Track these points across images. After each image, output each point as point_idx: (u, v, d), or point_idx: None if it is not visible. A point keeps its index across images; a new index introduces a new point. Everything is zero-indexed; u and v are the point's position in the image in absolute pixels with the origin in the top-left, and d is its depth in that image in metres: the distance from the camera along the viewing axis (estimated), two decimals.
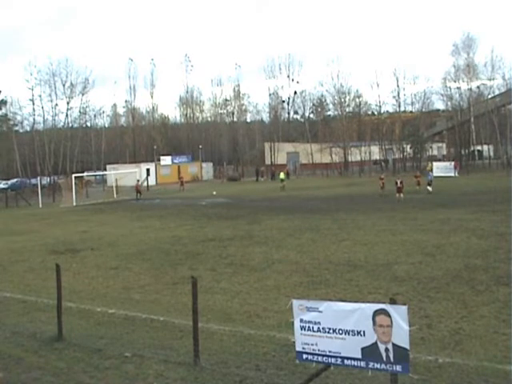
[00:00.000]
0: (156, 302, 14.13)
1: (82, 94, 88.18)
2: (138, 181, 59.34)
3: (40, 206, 53.56)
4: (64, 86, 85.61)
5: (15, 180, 73.39)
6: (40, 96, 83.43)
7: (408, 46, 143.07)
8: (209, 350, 9.34)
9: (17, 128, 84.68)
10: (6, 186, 71.67)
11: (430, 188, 43.35)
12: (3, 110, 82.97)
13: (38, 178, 63.15)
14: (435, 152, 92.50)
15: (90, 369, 9.22)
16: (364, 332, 6.81)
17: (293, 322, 7.52)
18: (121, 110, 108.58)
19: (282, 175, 60.58)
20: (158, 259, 20.25)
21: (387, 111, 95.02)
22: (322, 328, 7.18)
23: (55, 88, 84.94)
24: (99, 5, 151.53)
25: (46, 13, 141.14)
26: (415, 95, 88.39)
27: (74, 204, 51.62)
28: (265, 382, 8.21)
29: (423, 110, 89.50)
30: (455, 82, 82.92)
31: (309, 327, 7.30)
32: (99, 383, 8.61)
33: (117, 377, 8.81)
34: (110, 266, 19.46)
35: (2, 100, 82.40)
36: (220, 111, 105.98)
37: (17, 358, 10.02)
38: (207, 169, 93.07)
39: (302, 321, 7.36)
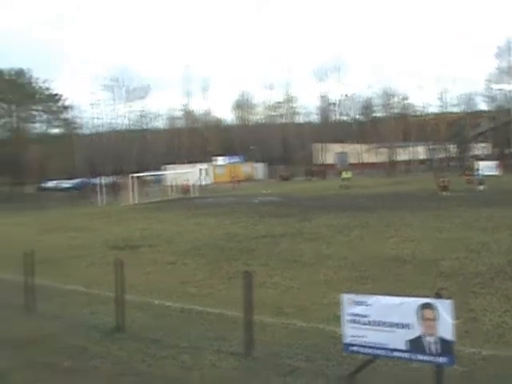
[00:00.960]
0: (211, 295, 14.51)
1: (141, 99, 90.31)
2: (188, 180, 60.63)
3: (101, 204, 55.05)
4: (124, 91, 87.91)
5: (78, 180, 75.35)
6: (102, 100, 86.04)
7: (452, 48, 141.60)
8: (261, 342, 9.59)
9: (79, 131, 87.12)
10: (69, 186, 73.95)
11: (481, 187, 43.01)
12: (66, 114, 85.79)
13: (99, 178, 64.72)
14: (479, 152, 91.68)
15: (148, 358, 9.62)
16: (410, 325, 7.05)
17: (341, 315, 7.80)
18: (177, 113, 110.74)
19: (344, 174, 62.29)
20: (213, 255, 20.70)
21: (432, 112, 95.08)
22: (370, 321, 7.46)
23: (116, 93, 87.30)
24: (158, 15, 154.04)
25: (107, 23, 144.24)
26: (459, 97, 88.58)
27: (134, 202, 52.80)
28: (315, 372, 8.46)
29: (467, 110, 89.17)
30: (498, 83, 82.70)
31: (357, 320, 7.59)
32: (157, 372, 8.98)
33: (173, 366, 9.19)
34: (167, 262, 20.03)
35: (67, 105, 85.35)
36: (271, 113, 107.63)
37: (80, 347, 10.50)
38: (260, 168, 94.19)
39: (350, 314, 7.64)
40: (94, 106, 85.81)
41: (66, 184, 75.57)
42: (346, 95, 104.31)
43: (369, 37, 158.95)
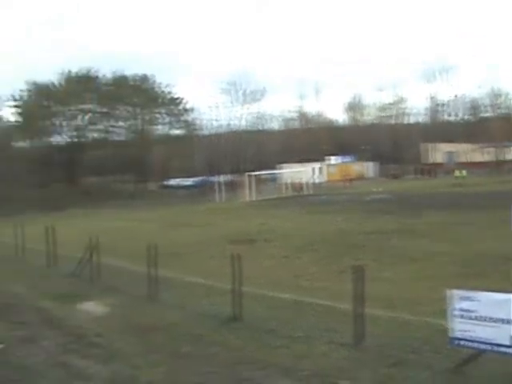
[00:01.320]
0: (323, 288, 14.77)
1: (257, 101, 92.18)
2: (301, 179, 61.34)
3: (219, 201, 56.64)
4: (241, 93, 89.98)
5: (199, 178, 77.62)
6: (220, 103, 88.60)
7: None
8: (371, 334, 9.80)
9: (198, 132, 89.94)
10: (190, 184, 76.49)
11: None
12: (186, 117, 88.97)
13: (218, 177, 66.56)
14: None
15: (262, 347, 10.09)
16: None
17: (448, 310, 8.00)
18: (291, 115, 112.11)
19: (457, 173, 61.12)
20: (325, 250, 21.10)
21: None
22: (477, 316, 7.62)
23: (233, 96, 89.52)
24: (275, 20, 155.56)
25: (224, 29, 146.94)
26: None
27: (251, 199, 53.90)
28: (421, 364, 8.64)
29: None
30: None
31: (465, 315, 7.78)
32: (271, 360, 9.37)
33: (287, 355, 9.59)
34: (281, 256, 20.62)
35: (188, 108, 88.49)
36: (381, 114, 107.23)
37: (199, 335, 11.15)
38: (370, 167, 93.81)
39: (458, 309, 7.83)
40: (212, 109, 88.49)
41: (187, 182, 78.14)
42: (456, 96, 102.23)
43: (477, 37, 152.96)
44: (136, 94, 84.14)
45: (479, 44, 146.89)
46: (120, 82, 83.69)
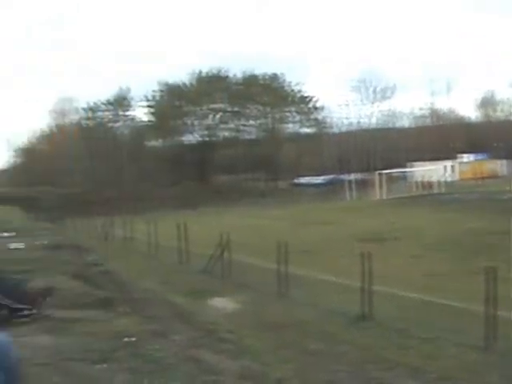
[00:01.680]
0: (452, 289, 14.33)
1: (387, 98, 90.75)
2: (431, 177, 59.88)
3: (349, 199, 56.37)
4: (371, 91, 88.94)
5: (329, 176, 77.57)
6: (350, 101, 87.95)
7: None
8: (504, 337, 9.50)
9: (328, 130, 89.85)
10: (321, 182, 76.60)
11: None
12: (316, 115, 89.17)
13: (349, 175, 66.25)
14: None
15: (391, 346, 10.00)
16: None
17: None
18: (422, 112, 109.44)
19: None
20: (455, 250, 20.52)
21: None
22: None
23: (363, 93, 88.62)
24: (402, 17, 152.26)
25: (357, 26, 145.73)
26: None
27: (381, 198, 53.21)
28: None
29: None
30: None
31: None
32: (400, 360, 9.24)
33: (416, 356, 9.45)
34: (411, 255, 20.27)
35: (318, 106, 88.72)
36: None
37: (328, 332, 11.21)
38: (505, 165, 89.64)
39: None
40: (342, 107, 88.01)
41: (317, 180, 78.24)
42: None
43: None
44: (266, 92, 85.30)
45: None
46: (250, 81, 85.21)
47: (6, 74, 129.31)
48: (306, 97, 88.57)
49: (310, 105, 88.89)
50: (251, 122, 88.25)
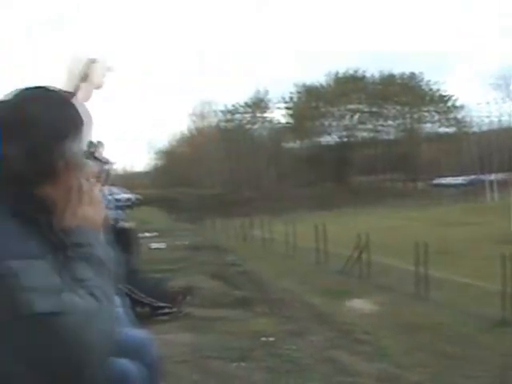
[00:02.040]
0: None
1: None
2: None
3: (491, 200, 54.25)
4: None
5: (469, 177, 75.16)
6: (490, 99, 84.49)
7: None
8: None
9: (468, 129, 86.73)
10: (460, 182, 74.27)
11: None
12: (456, 114, 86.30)
13: (490, 175, 63.80)
14: None
15: None
16: None
17: None
18: None
19: None
20: None
21: None
22: None
23: (505, 91, 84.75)
24: None
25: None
26: None
27: None
28: None
29: None
30: None
31: None
32: None
33: None
34: None
35: (458, 105, 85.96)
36: None
37: (467, 336, 10.92)
38: None
39: None
40: (482, 105, 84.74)
41: (457, 181, 75.94)
42: None
43: None
44: (404, 92, 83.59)
45: None
46: (388, 80, 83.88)
47: (146, 80, 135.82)
48: (445, 96, 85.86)
49: (450, 104, 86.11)
50: (389, 122, 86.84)
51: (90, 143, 2.13)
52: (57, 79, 1.90)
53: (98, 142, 2.21)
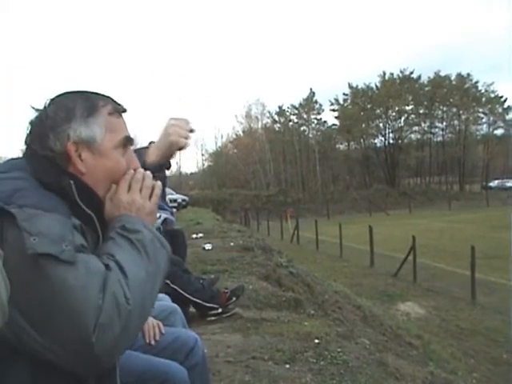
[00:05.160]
0: None
1: None
2: None
3: None
4: None
5: None
6: None
7: None
8: None
9: None
10: None
11: None
12: (509, 116, 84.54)
13: None
14: None
15: None
16: None
17: None
18: None
19: None
20: None
21: None
22: None
23: None
24: None
25: None
26: None
27: None
28: None
29: None
30: None
31: None
32: None
33: None
34: None
35: (505, 106, 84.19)
36: None
37: None
38: None
39: None
40: None
41: (510, 183, 74.62)
42: None
43: None
44: (455, 93, 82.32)
45: None
46: (439, 82, 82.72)
47: (196, 80, 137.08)
48: (498, 97, 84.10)
49: (503, 105, 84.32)
50: (440, 124, 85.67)
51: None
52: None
53: (150, 143, 2.20)
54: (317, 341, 5.08)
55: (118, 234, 1.58)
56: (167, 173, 2.19)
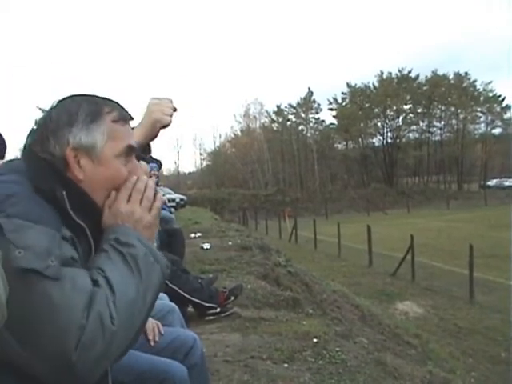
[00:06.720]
0: None
1: None
2: None
3: None
4: None
5: None
6: None
7: None
8: None
9: None
10: (511, 184, 73.03)
11: None
12: (508, 114, 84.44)
13: None
14: None
15: None
16: None
17: None
18: None
19: None
20: None
21: None
22: None
23: None
24: None
25: None
26: None
27: None
28: None
29: None
30: None
31: None
32: None
33: None
34: None
35: (503, 105, 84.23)
36: None
37: None
38: None
39: None
40: None
41: (508, 182, 74.60)
42: None
43: None
44: (453, 92, 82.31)
45: None
46: (436, 81, 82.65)
47: (195, 80, 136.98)
48: (496, 96, 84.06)
49: (501, 104, 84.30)
50: (437, 123, 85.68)
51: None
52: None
53: (147, 145, 2.20)
54: (315, 340, 5.08)
55: (111, 246, 1.54)
56: (167, 173, 2.18)
